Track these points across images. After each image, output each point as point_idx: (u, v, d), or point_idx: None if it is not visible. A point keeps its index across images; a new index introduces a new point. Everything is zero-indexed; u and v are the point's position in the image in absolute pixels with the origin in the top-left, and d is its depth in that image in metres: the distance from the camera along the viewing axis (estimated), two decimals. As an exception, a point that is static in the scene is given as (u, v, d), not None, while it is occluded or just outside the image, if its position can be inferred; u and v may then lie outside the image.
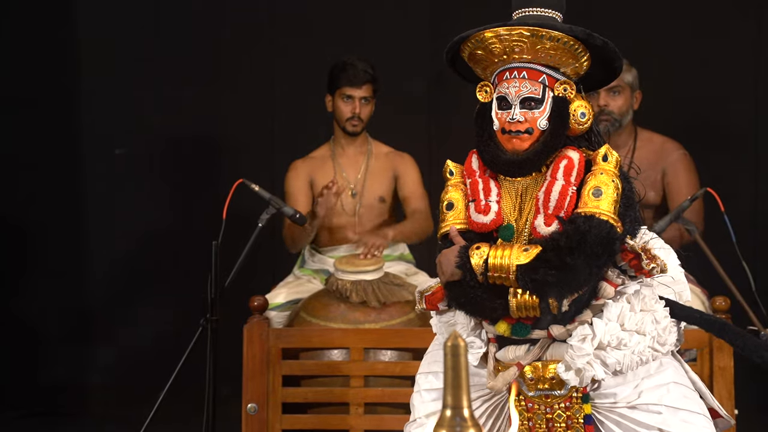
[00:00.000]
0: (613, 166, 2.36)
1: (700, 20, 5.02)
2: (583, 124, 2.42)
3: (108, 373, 5.19)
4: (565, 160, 2.38)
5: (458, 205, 2.45)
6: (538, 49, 2.37)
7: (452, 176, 2.49)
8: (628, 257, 2.35)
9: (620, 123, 4.25)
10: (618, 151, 4.26)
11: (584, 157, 2.40)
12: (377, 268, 4.04)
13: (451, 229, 2.42)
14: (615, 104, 4.22)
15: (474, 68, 2.47)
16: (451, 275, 2.38)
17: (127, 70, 5.16)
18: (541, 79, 2.40)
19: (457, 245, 2.39)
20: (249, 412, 3.73)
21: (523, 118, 2.39)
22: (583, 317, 2.36)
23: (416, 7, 5.15)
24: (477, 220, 2.41)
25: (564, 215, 2.34)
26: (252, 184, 3.83)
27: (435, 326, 2.56)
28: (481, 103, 2.45)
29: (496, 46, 2.37)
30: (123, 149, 5.20)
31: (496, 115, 2.42)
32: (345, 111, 4.27)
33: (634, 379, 2.40)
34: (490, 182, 2.43)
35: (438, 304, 2.49)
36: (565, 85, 2.41)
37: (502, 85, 2.41)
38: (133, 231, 5.20)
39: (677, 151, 4.27)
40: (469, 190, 2.44)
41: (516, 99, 2.40)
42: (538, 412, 2.43)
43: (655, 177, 4.26)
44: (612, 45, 2.40)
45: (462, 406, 1.65)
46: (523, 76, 2.40)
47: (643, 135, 4.32)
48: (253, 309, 3.82)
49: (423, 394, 2.55)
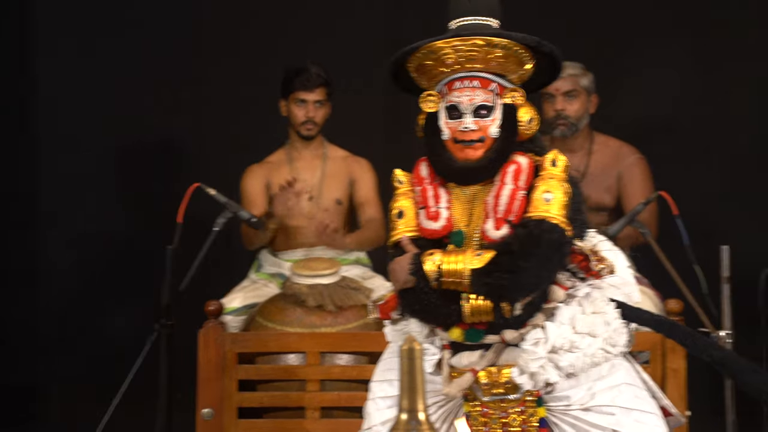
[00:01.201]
0: (561, 171, 2.40)
1: (649, 21, 5.07)
2: (530, 129, 2.46)
3: (61, 378, 5.14)
4: (513, 165, 2.42)
5: (408, 213, 2.47)
6: (490, 58, 2.41)
7: (401, 185, 2.51)
8: (578, 259, 2.38)
9: (577, 127, 4.28)
10: (574, 154, 4.36)
11: (532, 162, 2.42)
12: (333, 272, 4.04)
13: (403, 238, 2.44)
14: (571, 108, 4.26)
15: (418, 79, 2.49)
16: (405, 282, 2.39)
17: (83, 71, 5.12)
18: (491, 87, 2.43)
19: (410, 252, 2.40)
20: (204, 417, 3.72)
21: (476, 127, 2.42)
22: (535, 321, 2.39)
23: (372, 11, 5.16)
24: (427, 227, 2.43)
25: (514, 219, 2.37)
26: (208, 188, 3.82)
27: (388, 335, 2.58)
28: (428, 113, 2.46)
29: (450, 56, 2.40)
30: (78, 151, 5.15)
31: (446, 124, 2.44)
32: (299, 115, 4.27)
33: (586, 382, 2.43)
34: (439, 189, 2.46)
35: (391, 312, 2.51)
36: (514, 92, 2.45)
37: (453, 94, 2.43)
38: (88, 234, 5.15)
39: (633, 155, 4.31)
40: (419, 198, 2.46)
41: (469, 108, 2.42)
42: (494, 417, 2.45)
43: (611, 180, 4.30)
44: (558, 51, 2.43)
45: (418, 409, 1.66)
46: (475, 84, 2.43)
47: (599, 139, 4.36)
48: (208, 313, 3.80)
49: (378, 401, 2.56)
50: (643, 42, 5.05)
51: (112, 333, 5.09)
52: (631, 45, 5.00)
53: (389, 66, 2.49)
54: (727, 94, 5.04)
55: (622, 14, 5.08)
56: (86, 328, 5.15)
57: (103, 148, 5.16)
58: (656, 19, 5.10)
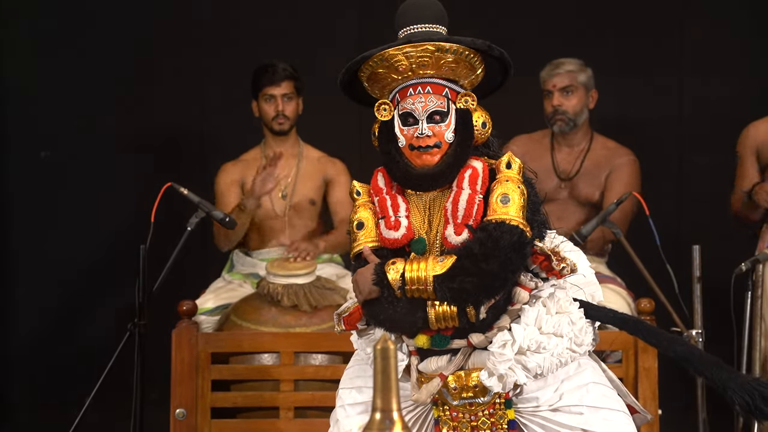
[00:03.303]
0: (516, 173, 2.42)
1: (623, 22, 5.10)
2: (484, 133, 2.48)
3: (34, 377, 5.11)
4: (469, 170, 2.43)
5: (368, 223, 2.47)
6: (441, 63, 2.42)
7: (359, 196, 2.51)
8: (539, 259, 2.40)
9: (575, 122, 4.32)
10: (572, 150, 4.39)
11: (488, 166, 2.44)
12: (309, 272, 4.04)
13: (365, 249, 2.44)
14: (569, 104, 4.30)
15: (371, 88, 2.50)
16: (369, 293, 2.40)
17: (54, 70, 5.09)
18: (444, 92, 2.45)
19: (372, 263, 2.41)
20: (177, 417, 3.71)
21: (431, 133, 2.43)
22: (501, 323, 2.40)
23: (345, 11, 5.16)
24: (388, 236, 2.44)
25: (473, 223, 2.38)
26: (181, 187, 3.81)
27: (355, 342, 2.59)
28: (382, 122, 2.48)
29: (402, 63, 2.42)
30: (48, 152, 5.12)
31: (402, 131, 2.45)
32: (269, 111, 4.30)
33: (554, 382, 2.44)
34: (397, 198, 2.47)
35: (356, 324, 2.51)
36: (467, 97, 2.46)
37: (406, 101, 2.45)
38: (60, 233, 5.12)
39: (626, 156, 4.35)
40: (378, 208, 2.47)
41: (423, 114, 2.44)
42: (463, 421, 2.46)
43: (602, 177, 4.34)
44: (506, 55, 2.46)
45: (392, 408, 1.66)
46: (427, 91, 2.44)
47: (599, 139, 4.41)
48: (181, 314, 3.79)
49: (347, 408, 2.57)
50: (617, 42, 5.08)
51: (84, 333, 5.07)
52: (606, 44, 5.03)
53: (341, 76, 2.50)
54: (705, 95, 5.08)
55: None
56: (60, 328, 5.12)
57: (75, 147, 5.13)
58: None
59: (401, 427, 1.67)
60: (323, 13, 5.14)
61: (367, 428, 1.68)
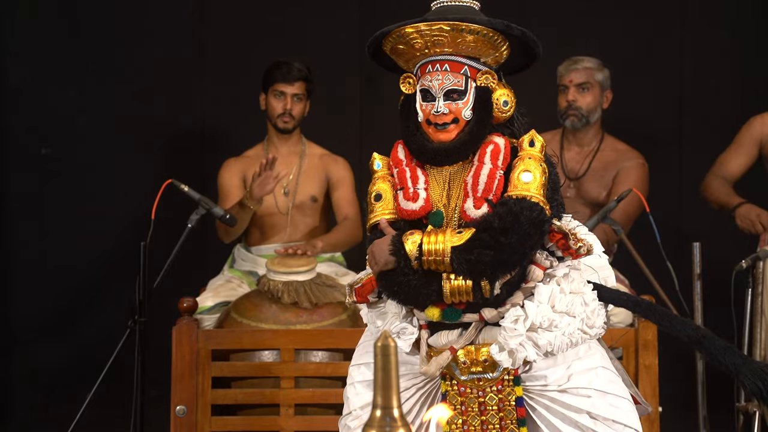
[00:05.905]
0: (538, 151, 2.42)
1: (628, 21, 5.10)
2: (506, 112, 2.47)
3: (35, 374, 5.11)
4: (491, 145, 2.43)
5: (386, 195, 2.47)
6: (459, 42, 2.41)
7: (379, 168, 2.51)
8: (556, 238, 2.40)
9: (587, 120, 4.32)
10: (582, 149, 4.39)
11: (509, 143, 2.44)
12: (309, 269, 4.04)
13: (381, 221, 2.44)
14: (583, 101, 4.29)
15: (396, 60, 2.51)
16: (385, 264, 2.39)
17: (54, 70, 5.09)
18: (463, 70, 2.44)
19: (389, 234, 2.40)
20: (178, 414, 3.71)
21: (447, 110, 2.43)
22: (514, 300, 2.40)
23: (346, 8, 5.16)
24: (406, 208, 2.43)
25: (493, 198, 2.38)
26: (181, 184, 3.81)
27: (365, 316, 2.57)
28: (405, 95, 2.48)
29: (417, 40, 2.41)
30: (49, 148, 5.12)
31: (421, 107, 2.46)
32: (277, 107, 4.28)
33: (564, 362, 2.44)
34: (417, 170, 2.46)
35: (368, 295, 2.50)
36: (487, 75, 2.45)
37: (425, 77, 2.45)
38: (61, 230, 5.12)
39: (635, 159, 4.34)
40: (397, 179, 2.47)
41: (440, 92, 2.43)
42: (471, 396, 2.46)
43: (609, 178, 4.33)
44: (530, 33, 2.45)
45: (392, 406, 1.66)
46: (445, 68, 2.43)
47: (609, 140, 4.40)
48: (182, 311, 3.79)
49: (357, 386, 2.56)
50: (618, 41, 5.08)
51: (85, 330, 5.07)
52: (606, 43, 5.03)
53: (366, 49, 2.50)
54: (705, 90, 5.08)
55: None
56: (61, 325, 5.12)
57: (75, 144, 5.13)
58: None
59: (401, 424, 1.67)
60: (324, 10, 5.13)
61: (368, 425, 1.68)
